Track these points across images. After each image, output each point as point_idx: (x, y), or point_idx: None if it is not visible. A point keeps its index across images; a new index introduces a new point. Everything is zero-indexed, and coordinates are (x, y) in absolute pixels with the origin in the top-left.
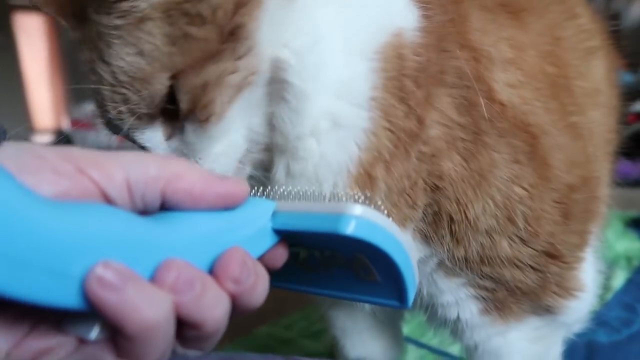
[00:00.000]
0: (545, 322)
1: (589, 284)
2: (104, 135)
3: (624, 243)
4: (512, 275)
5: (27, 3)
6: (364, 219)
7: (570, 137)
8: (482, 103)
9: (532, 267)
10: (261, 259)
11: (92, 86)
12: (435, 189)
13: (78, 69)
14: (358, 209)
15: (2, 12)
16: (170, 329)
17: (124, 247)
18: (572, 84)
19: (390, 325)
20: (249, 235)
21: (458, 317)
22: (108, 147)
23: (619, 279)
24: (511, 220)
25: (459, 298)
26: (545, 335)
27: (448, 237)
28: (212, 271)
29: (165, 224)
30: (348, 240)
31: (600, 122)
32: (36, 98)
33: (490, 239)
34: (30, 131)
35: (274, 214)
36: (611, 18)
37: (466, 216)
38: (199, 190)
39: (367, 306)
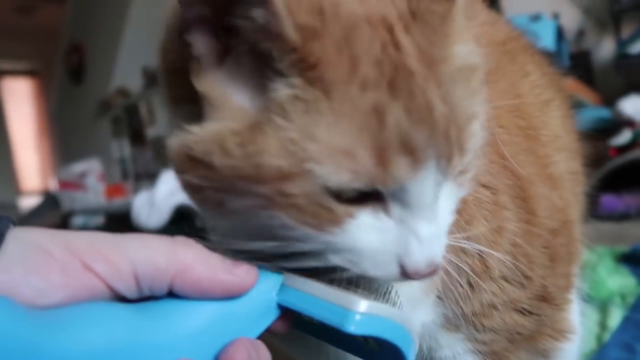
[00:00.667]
0: None
1: (577, 325)
2: (91, 195)
3: (616, 280)
4: (513, 320)
5: (15, 68)
6: (369, 316)
7: (549, 186)
8: (497, 160)
9: (529, 311)
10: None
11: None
12: (460, 250)
13: (65, 131)
14: (363, 306)
15: None
16: None
17: (129, 356)
18: (539, 134)
19: None
20: (254, 311)
21: None
22: (96, 206)
23: (616, 318)
24: (516, 266)
25: (456, 352)
26: None
27: (462, 292)
28: None
29: (170, 319)
30: None
31: (565, 166)
32: (23, 160)
33: (500, 286)
34: (17, 193)
35: (282, 286)
36: (582, 56)
37: (486, 266)
38: (206, 284)
39: None
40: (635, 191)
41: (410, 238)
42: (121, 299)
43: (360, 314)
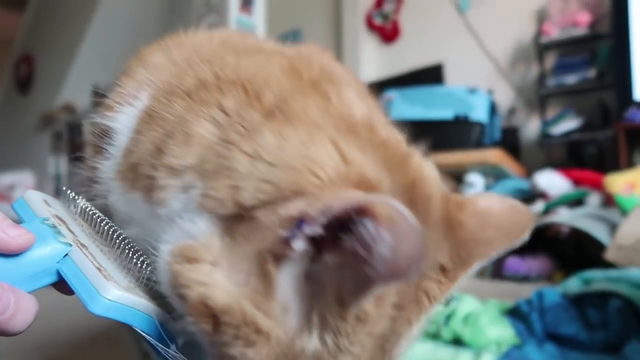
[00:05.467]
0: None
1: None
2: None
3: (496, 330)
4: None
5: None
6: (114, 303)
7: None
8: None
9: None
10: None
11: None
12: None
13: (3, 140)
14: (112, 293)
15: None
16: None
17: None
18: None
19: None
20: (29, 270)
21: None
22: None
23: None
24: None
25: None
26: None
27: None
28: None
29: None
30: None
31: None
32: None
33: None
34: None
35: (66, 257)
36: (512, 131)
37: None
38: None
39: None
40: (539, 256)
41: None
42: None
43: (107, 299)
